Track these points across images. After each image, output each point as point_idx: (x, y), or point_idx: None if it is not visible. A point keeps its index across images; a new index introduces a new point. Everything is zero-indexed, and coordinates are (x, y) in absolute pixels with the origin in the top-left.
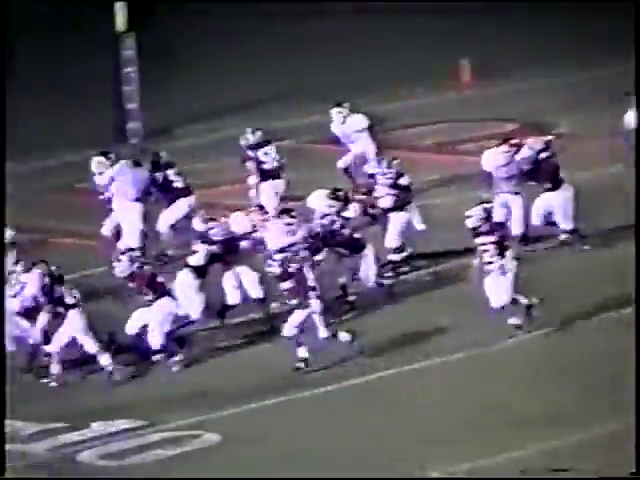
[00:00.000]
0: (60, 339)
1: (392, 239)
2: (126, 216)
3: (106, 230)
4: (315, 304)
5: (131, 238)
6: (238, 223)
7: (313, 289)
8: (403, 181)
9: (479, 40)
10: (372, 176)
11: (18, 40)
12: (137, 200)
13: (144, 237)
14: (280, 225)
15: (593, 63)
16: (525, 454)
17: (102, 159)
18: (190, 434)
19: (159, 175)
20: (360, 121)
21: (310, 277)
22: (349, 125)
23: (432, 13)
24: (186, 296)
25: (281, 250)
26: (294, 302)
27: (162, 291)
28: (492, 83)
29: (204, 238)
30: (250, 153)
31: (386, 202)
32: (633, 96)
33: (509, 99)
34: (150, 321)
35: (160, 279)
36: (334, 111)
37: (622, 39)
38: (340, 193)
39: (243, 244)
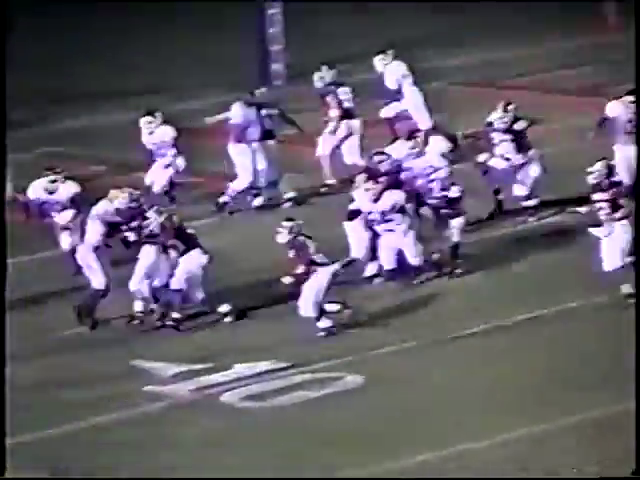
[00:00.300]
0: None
1: (520, 186)
2: (239, 157)
3: (148, 181)
4: (323, 275)
5: (243, 179)
6: (397, 150)
7: (317, 262)
8: (518, 126)
9: None
10: (490, 124)
11: None
12: (250, 141)
13: (255, 178)
14: (361, 191)
15: None
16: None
17: (150, 118)
18: (333, 376)
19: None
20: (398, 68)
21: (312, 248)
22: (388, 73)
23: None
24: (353, 236)
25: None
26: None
27: (191, 243)
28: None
29: (369, 171)
30: (330, 89)
31: (502, 149)
32: None
33: None
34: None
35: (189, 230)
36: (377, 59)
37: None
38: (418, 134)
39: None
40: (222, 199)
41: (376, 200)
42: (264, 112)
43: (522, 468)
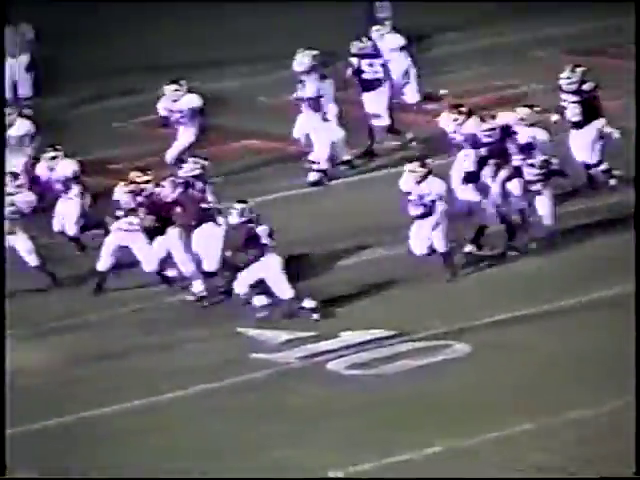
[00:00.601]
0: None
1: (587, 152)
2: (317, 131)
3: (169, 158)
4: (273, 261)
5: (321, 151)
6: (506, 118)
7: (266, 246)
8: (587, 87)
9: None
10: (560, 88)
11: None
12: (324, 113)
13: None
14: (407, 174)
15: None
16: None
17: (175, 86)
18: (440, 344)
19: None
20: (393, 40)
21: (264, 233)
22: (384, 43)
23: None
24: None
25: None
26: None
27: (206, 217)
28: None
29: (473, 142)
30: (353, 60)
31: (571, 112)
32: None
33: None
34: (200, 247)
35: (205, 205)
36: (374, 29)
37: None
38: (463, 108)
39: (511, 147)
40: (312, 177)
41: (419, 182)
42: (330, 82)
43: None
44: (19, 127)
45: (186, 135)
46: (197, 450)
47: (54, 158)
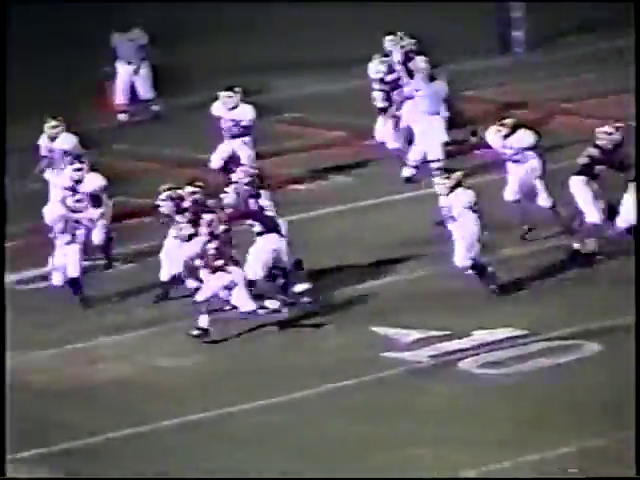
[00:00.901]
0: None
1: None
2: (426, 130)
3: (215, 163)
4: (237, 273)
5: (434, 151)
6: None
7: (232, 257)
8: None
9: None
10: None
11: None
12: (436, 114)
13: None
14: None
15: None
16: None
17: (229, 93)
18: (570, 344)
19: None
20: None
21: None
22: (396, 53)
23: None
24: (584, 201)
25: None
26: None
27: (270, 225)
28: None
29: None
30: (399, 59)
31: None
32: None
33: None
34: (250, 254)
35: (268, 213)
36: (387, 39)
37: None
38: (506, 120)
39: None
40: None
41: (447, 195)
42: (440, 82)
43: None
44: (63, 141)
45: (245, 147)
46: (327, 449)
47: (79, 170)
